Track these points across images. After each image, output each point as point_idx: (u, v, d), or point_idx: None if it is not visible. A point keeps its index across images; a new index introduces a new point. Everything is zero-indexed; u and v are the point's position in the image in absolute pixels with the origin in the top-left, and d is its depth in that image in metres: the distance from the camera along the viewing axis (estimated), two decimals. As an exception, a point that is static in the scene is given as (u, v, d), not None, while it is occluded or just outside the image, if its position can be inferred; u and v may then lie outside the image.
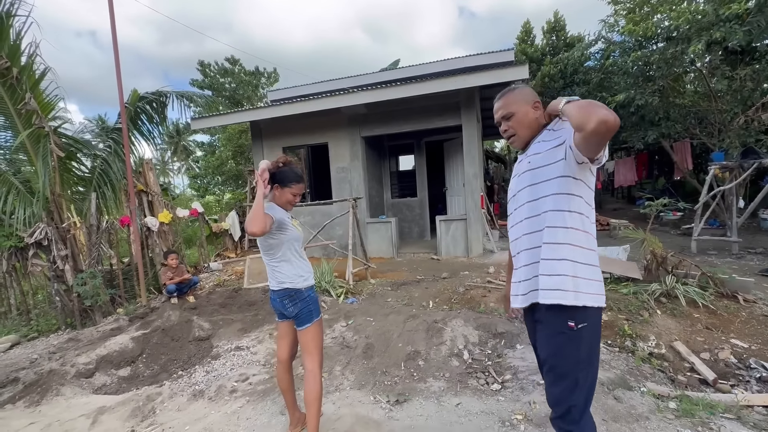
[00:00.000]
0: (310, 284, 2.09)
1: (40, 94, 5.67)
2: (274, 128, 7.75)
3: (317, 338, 2.07)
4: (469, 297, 4.24)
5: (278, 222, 1.96)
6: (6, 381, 3.35)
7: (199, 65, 26.65)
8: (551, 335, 1.39)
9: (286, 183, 2.04)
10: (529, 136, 1.49)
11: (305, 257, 2.15)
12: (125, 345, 3.68)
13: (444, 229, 6.84)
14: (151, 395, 2.76)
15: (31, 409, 2.84)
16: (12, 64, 5.22)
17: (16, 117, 5.45)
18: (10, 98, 5.33)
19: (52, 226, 5.43)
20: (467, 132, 6.61)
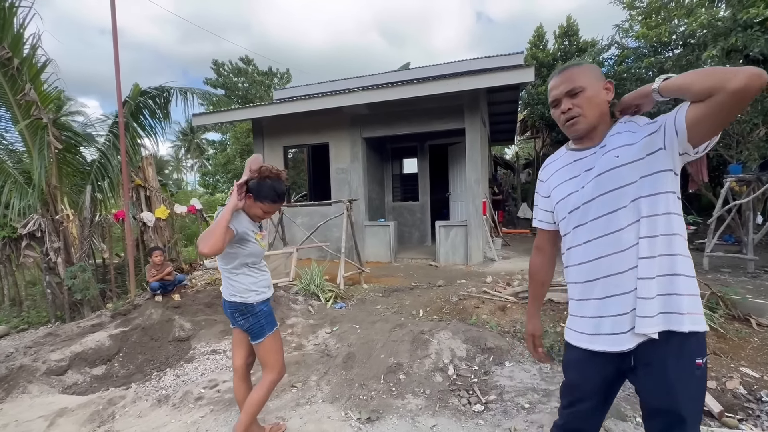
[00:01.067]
0: (264, 298, 1.93)
1: (41, 85, 5.67)
2: (275, 127, 7.67)
3: (273, 351, 1.93)
4: (461, 307, 4.04)
5: (239, 236, 1.80)
6: (-23, 374, 3.26)
7: (213, 64, 26.97)
8: (679, 377, 1.07)
9: (261, 198, 1.84)
10: (597, 120, 1.18)
11: (264, 269, 2.00)
12: (102, 342, 3.57)
13: (443, 235, 6.64)
14: (114, 398, 2.63)
15: (-6, 406, 2.73)
16: (13, 55, 5.22)
17: (15, 108, 5.45)
18: (10, 89, 5.33)
19: (46, 218, 5.41)
20: (470, 136, 6.41)
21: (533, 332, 1.50)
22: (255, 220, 1.93)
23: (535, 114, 11.50)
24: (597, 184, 1.14)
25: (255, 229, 1.91)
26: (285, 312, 4.20)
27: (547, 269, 1.44)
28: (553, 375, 2.78)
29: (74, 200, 6.03)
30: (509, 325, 3.54)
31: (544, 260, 1.43)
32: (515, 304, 3.91)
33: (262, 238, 1.96)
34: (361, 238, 7.16)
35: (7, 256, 5.69)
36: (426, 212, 8.52)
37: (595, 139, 1.21)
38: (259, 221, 1.97)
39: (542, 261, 1.44)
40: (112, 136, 6.59)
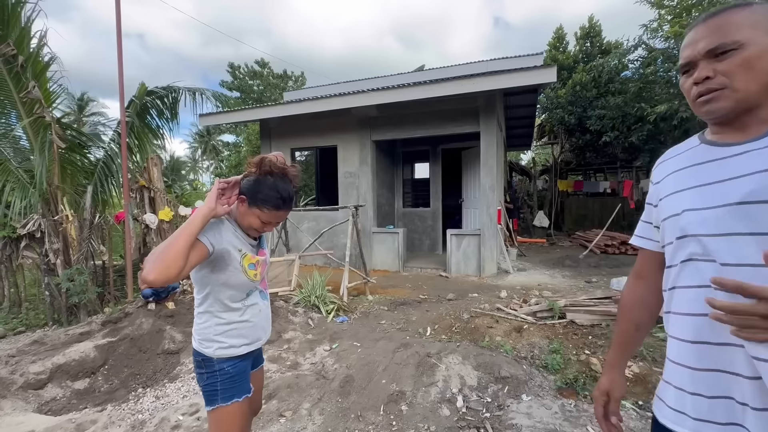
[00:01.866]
0: (232, 355, 1.35)
1: (46, 83, 5.58)
2: (283, 129, 7.47)
3: (220, 430, 1.35)
4: (473, 326, 3.69)
5: (216, 255, 1.25)
6: (-45, 385, 3.07)
7: (229, 67, 27.22)
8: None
9: (258, 202, 1.28)
10: (755, 98, 0.73)
11: (248, 312, 1.38)
12: (87, 354, 3.35)
13: (455, 244, 6.29)
14: (84, 424, 2.38)
15: (-40, 424, 2.51)
16: (18, 52, 5.13)
17: (20, 105, 5.35)
18: (15, 86, 5.24)
19: (47, 218, 5.29)
20: (485, 140, 6.06)
21: (609, 390, 1.01)
22: (250, 234, 1.37)
23: (554, 118, 11.06)
24: (739, 213, 0.70)
25: (246, 249, 1.33)
26: (283, 325, 3.93)
27: (647, 306, 0.98)
28: (578, 415, 2.41)
29: (77, 201, 5.91)
30: (526, 349, 3.18)
31: (646, 293, 0.97)
32: (533, 325, 3.54)
33: (253, 265, 1.35)
34: (368, 246, 6.87)
35: (7, 257, 5.59)
36: (437, 219, 8.18)
37: (748, 129, 0.75)
38: (256, 235, 1.40)
39: (642, 293, 0.98)
40: (117, 136, 6.48)
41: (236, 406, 1.33)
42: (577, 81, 9.99)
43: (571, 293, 4.70)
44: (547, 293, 4.67)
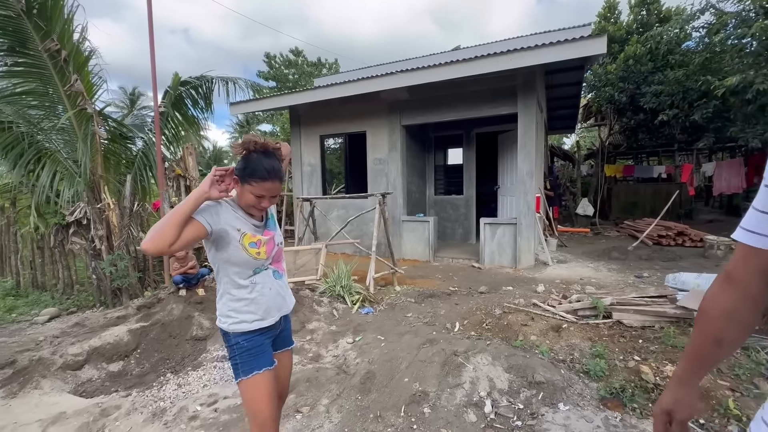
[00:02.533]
0: (244, 330, 1.44)
1: (88, 76, 5.82)
2: (312, 115, 7.38)
3: (248, 401, 1.45)
4: (505, 323, 3.43)
5: (216, 234, 1.35)
6: (5, 363, 3.28)
7: (266, 57, 27.62)
8: None
9: (246, 177, 1.36)
10: None
11: (257, 289, 1.46)
12: (121, 338, 3.47)
13: (489, 233, 5.95)
14: (108, 409, 2.43)
15: (4, 402, 2.67)
16: (62, 47, 5.35)
17: (65, 98, 5.62)
18: (60, 80, 5.49)
19: (92, 206, 5.57)
20: (524, 122, 5.62)
21: (672, 409, 0.85)
22: (253, 215, 1.44)
23: (602, 97, 10.14)
24: None
25: (246, 228, 1.41)
26: (307, 315, 3.87)
27: (738, 320, 0.76)
28: (624, 429, 2.12)
29: (119, 189, 6.18)
30: (565, 352, 2.88)
31: (739, 303, 0.75)
32: (573, 324, 3.22)
33: (254, 243, 1.41)
34: (397, 234, 6.70)
35: (59, 242, 5.97)
36: (471, 207, 7.81)
37: None
38: (258, 214, 1.46)
39: (734, 303, 0.76)
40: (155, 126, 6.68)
41: (257, 378, 1.43)
42: (630, 54, 9.03)
43: (618, 289, 4.27)
44: (590, 289, 4.28)
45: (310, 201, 5.59)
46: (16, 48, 5.21)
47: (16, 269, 6.69)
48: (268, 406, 1.44)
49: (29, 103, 5.78)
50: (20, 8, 4.89)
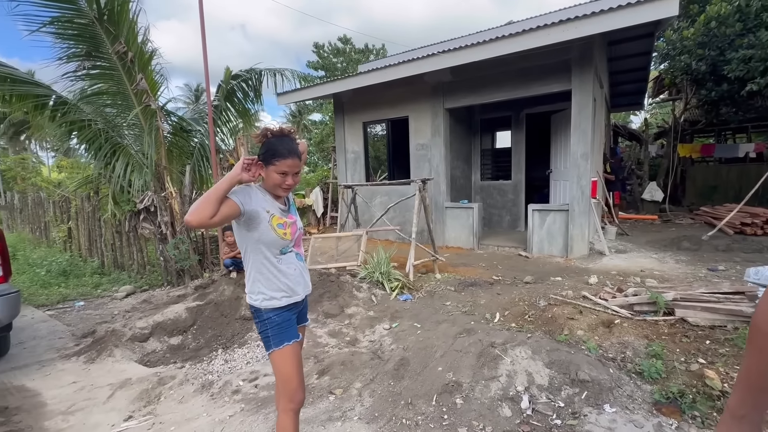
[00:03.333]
0: (275, 306, 1.57)
1: (151, 74, 6.31)
2: (355, 102, 7.40)
3: (279, 371, 1.60)
4: (550, 316, 3.23)
5: (247, 215, 1.48)
6: (88, 332, 3.77)
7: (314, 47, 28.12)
8: None
9: (270, 158, 1.51)
10: None
11: (285, 268, 1.59)
12: (180, 315, 3.81)
13: (537, 220, 5.62)
14: (165, 378, 2.68)
15: (85, 366, 3.06)
16: (128, 49, 5.84)
17: (132, 96, 6.16)
18: (128, 79, 6.03)
19: (158, 195, 6.11)
20: (579, 99, 5.16)
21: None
22: (278, 193, 1.56)
23: (677, 67, 8.96)
24: None
25: (274, 211, 1.55)
26: (346, 300, 3.95)
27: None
28: (680, 439, 1.92)
29: (180, 179, 6.71)
30: (616, 349, 2.66)
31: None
32: (627, 320, 2.95)
33: (282, 224, 1.55)
34: (440, 221, 6.57)
35: (132, 227, 6.65)
36: (519, 193, 7.42)
37: None
38: (283, 193, 1.58)
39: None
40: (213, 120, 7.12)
41: (287, 348, 1.59)
42: (712, 15, 7.81)
43: (686, 283, 3.83)
44: (651, 282, 3.89)
45: (352, 188, 5.65)
46: (92, 53, 5.77)
47: (100, 250, 7.59)
48: (297, 374, 1.61)
49: (105, 102, 6.41)
50: (93, 16, 5.39)
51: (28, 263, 6.87)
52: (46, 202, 9.90)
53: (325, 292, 4.07)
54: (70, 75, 5.80)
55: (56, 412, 2.39)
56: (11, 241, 8.46)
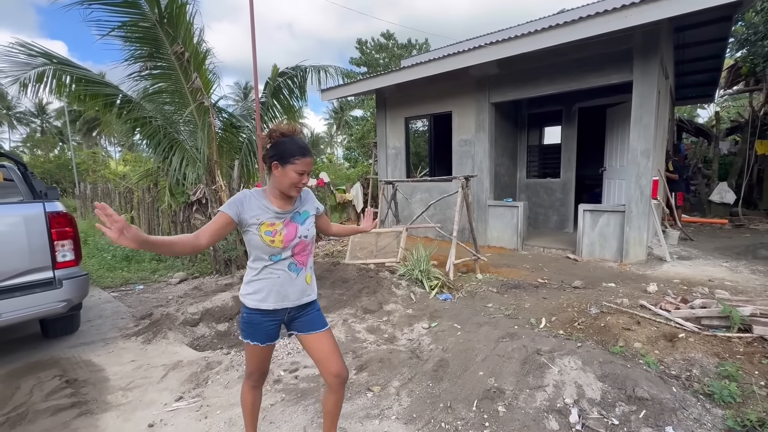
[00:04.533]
0: (246, 303, 1.60)
1: (205, 74, 6.65)
2: (397, 97, 7.34)
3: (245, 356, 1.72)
4: (602, 325, 3.01)
5: (240, 222, 1.51)
6: (145, 314, 4.06)
7: (357, 43, 28.35)
8: None
9: (288, 158, 1.48)
10: None
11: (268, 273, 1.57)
12: (226, 303, 3.98)
13: (589, 221, 5.28)
14: (212, 363, 2.81)
15: (142, 346, 3.29)
16: (185, 49, 6.19)
17: (188, 95, 6.52)
18: (184, 78, 6.39)
19: (209, 188, 6.45)
20: (641, 91, 4.75)
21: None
22: (291, 193, 1.54)
23: (758, 54, 7.99)
24: None
25: (265, 218, 1.52)
26: (385, 296, 3.94)
27: None
28: (759, 474, 1.70)
29: (229, 173, 7.04)
30: (679, 366, 2.41)
31: None
32: (693, 334, 2.67)
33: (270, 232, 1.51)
34: (483, 220, 6.37)
35: (186, 217, 7.08)
36: (569, 192, 7.01)
37: None
38: (296, 193, 1.55)
39: None
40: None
41: (248, 346, 1.64)
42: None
43: (764, 297, 3.41)
44: (721, 293, 3.50)
45: (392, 184, 5.62)
46: (153, 54, 6.17)
47: (158, 239, 8.16)
48: (252, 364, 1.69)
49: (164, 100, 6.84)
50: (155, 19, 5.75)
51: (97, 248, 7.53)
52: (112, 193, 10.83)
53: (363, 288, 4.08)
54: (134, 75, 6.25)
55: (117, 387, 2.59)
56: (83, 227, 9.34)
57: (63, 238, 2.95)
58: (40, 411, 2.27)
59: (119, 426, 2.18)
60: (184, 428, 2.13)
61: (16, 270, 2.75)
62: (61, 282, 2.91)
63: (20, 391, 2.49)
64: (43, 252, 2.84)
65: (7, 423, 2.19)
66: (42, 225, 2.86)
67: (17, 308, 2.68)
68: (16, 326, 3.20)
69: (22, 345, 3.33)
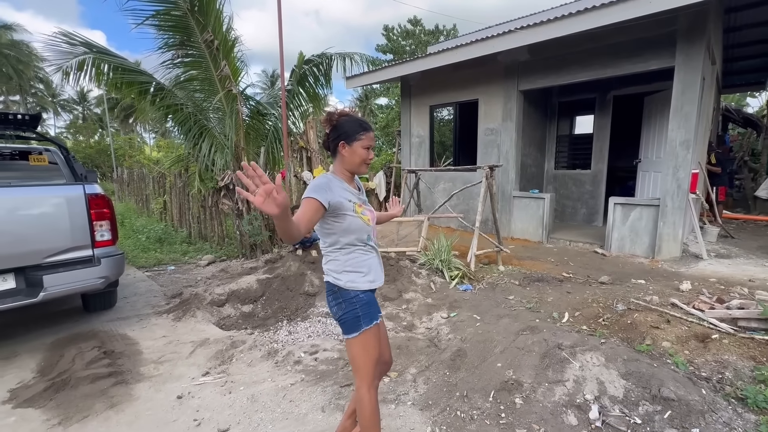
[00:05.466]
0: (359, 288, 1.55)
1: (234, 61, 6.76)
2: (423, 85, 7.22)
3: (369, 348, 1.55)
4: (629, 322, 2.91)
5: (332, 208, 1.43)
6: (176, 293, 4.26)
7: (384, 30, 27.98)
8: None
9: (353, 135, 1.50)
10: None
11: (369, 254, 1.60)
12: (251, 285, 4.12)
13: (620, 215, 5.07)
14: (237, 342, 2.93)
15: (173, 323, 3.47)
16: (214, 37, 6.30)
17: (217, 82, 6.66)
18: (213, 66, 6.53)
19: (236, 174, 6.62)
20: (683, 77, 4.46)
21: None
22: (361, 171, 1.57)
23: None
24: None
25: (355, 199, 1.54)
26: (405, 285, 3.96)
27: None
28: (793, 483, 1.61)
29: (256, 160, 7.18)
30: (711, 368, 2.31)
31: None
32: (730, 336, 2.54)
33: (364, 211, 1.55)
34: (507, 211, 6.24)
35: (215, 202, 7.31)
36: (599, 184, 6.73)
37: None
38: (365, 169, 1.59)
39: None
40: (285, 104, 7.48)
41: (376, 327, 1.58)
42: None
43: (812, 300, 3.18)
44: (762, 294, 3.30)
45: (415, 173, 5.58)
46: (184, 42, 6.32)
47: (188, 222, 8.50)
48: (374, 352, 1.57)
49: (194, 87, 7.02)
50: (186, 7, 5.88)
51: (133, 230, 7.94)
52: (147, 178, 11.32)
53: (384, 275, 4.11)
54: (167, 63, 6.43)
55: (149, 360, 2.75)
56: (120, 210, 9.84)
57: (101, 218, 3.12)
58: (81, 378, 2.44)
59: (151, 396, 2.32)
60: (209, 401, 2.24)
61: (59, 248, 2.95)
62: (100, 260, 3.09)
63: (64, 359, 2.69)
64: (83, 231, 3.02)
65: (53, 387, 2.38)
66: (82, 206, 3.03)
67: (61, 283, 2.88)
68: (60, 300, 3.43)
69: (65, 317, 3.59)
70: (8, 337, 3.13)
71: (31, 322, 3.48)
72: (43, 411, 2.20)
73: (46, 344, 2.99)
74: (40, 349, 2.91)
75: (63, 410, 2.18)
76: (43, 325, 3.40)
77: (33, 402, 2.28)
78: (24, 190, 2.93)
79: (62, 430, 2.03)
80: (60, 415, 2.14)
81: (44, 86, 35.26)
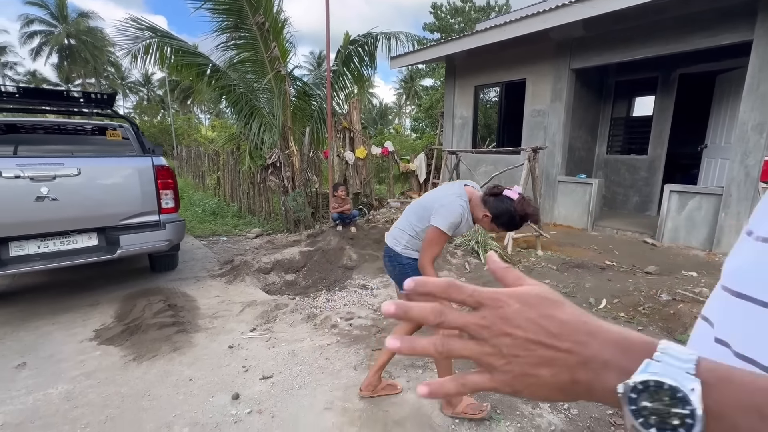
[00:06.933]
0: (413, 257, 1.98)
1: (283, 43, 6.99)
2: (468, 65, 7.05)
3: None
4: (671, 312, 2.80)
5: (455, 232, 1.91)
6: (228, 260, 4.66)
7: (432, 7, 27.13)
8: None
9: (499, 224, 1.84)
10: None
11: None
12: (294, 256, 4.41)
13: (676, 203, 4.74)
14: (280, 305, 3.19)
15: (225, 285, 3.83)
16: (265, 19, 6.55)
17: (267, 63, 6.94)
18: (264, 48, 6.80)
19: (282, 152, 6.96)
20: (762, 52, 4.02)
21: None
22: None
23: None
24: None
25: (464, 230, 1.96)
26: (439, 263, 4.04)
27: None
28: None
29: (301, 139, 7.48)
30: (758, 363, 2.19)
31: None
32: (783, 333, 2.38)
33: None
34: (550, 196, 6.04)
35: (263, 179, 7.74)
36: (656, 171, 6.28)
37: None
38: None
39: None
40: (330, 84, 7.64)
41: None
42: None
43: None
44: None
45: (456, 154, 5.55)
46: (238, 24, 6.62)
47: (239, 198, 9.08)
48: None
49: (246, 69, 7.37)
50: (239, -10, 6.14)
51: (191, 203, 8.64)
52: (202, 155, 12.15)
53: (419, 254, 4.22)
54: (222, 45, 6.79)
55: (205, 315, 3.09)
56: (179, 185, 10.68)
57: (166, 188, 3.48)
58: (150, 325, 2.82)
59: (207, 344, 2.64)
60: (256, 353, 2.51)
61: (132, 212, 3.35)
62: (165, 225, 3.47)
63: (136, 308, 3.10)
64: (151, 198, 3.40)
65: (127, 330, 2.78)
66: (150, 176, 3.40)
67: (134, 243, 3.28)
68: (132, 258, 3.91)
69: (136, 275, 4.08)
70: (92, 289, 3.64)
71: (110, 277, 4.00)
72: (121, 349, 2.58)
73: (121, 296, 3.44)
74: (117, 300, 3.37)
75: (136, 349, 2.55)
76: (119, 280, 3.91)
77: (113, 341, 2.68)
78: (103, 160, 3.34)
79: (136, 365, 2.39)
80: (134, 353, 2.51)
81: (115, 69, 38.40)
